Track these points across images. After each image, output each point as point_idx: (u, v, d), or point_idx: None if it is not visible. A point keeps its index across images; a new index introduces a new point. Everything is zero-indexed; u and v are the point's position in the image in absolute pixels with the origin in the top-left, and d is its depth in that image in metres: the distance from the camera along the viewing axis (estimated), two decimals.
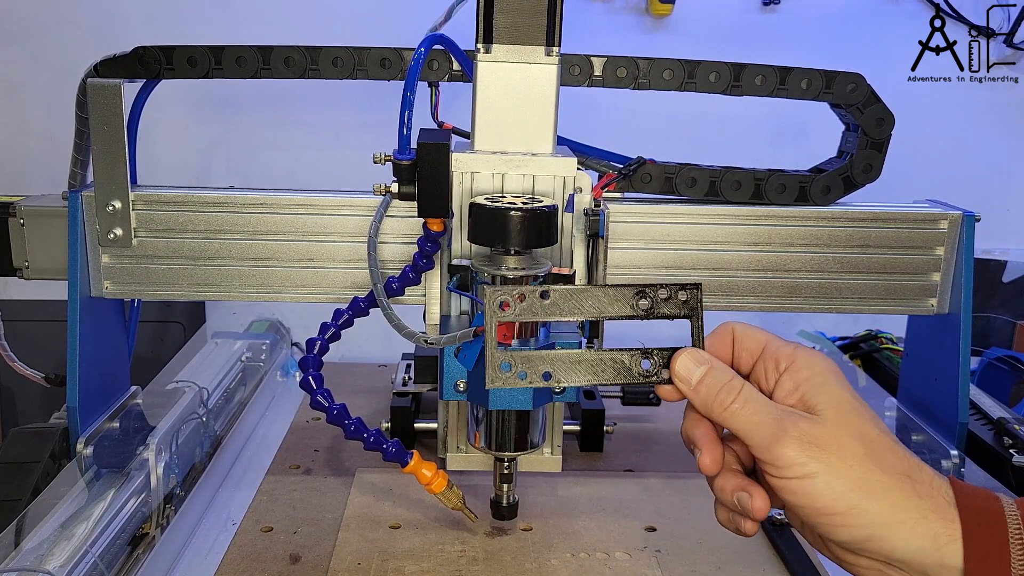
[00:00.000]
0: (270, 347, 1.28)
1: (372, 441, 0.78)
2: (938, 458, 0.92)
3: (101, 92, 0.84)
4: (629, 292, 0.57)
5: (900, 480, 0.51)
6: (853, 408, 0.53)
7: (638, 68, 0.87)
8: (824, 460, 0.51)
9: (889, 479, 0.51)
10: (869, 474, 0.51)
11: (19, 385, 1.47)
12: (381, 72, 0.87)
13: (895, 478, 0.51)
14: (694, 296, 0.57)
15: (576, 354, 0.57)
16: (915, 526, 0.50)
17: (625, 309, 0.57)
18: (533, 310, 0.57)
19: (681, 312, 0.57)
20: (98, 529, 0.77)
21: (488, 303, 0.56)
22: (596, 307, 0.57)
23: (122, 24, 1.42)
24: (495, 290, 0.56)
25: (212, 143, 1.49)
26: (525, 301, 0.57)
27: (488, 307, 0.56)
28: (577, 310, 0.57)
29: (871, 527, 0.51)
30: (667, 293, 0.57)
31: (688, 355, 0.56)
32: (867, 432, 0.53)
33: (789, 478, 0.52)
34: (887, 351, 1.26)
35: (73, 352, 0.86)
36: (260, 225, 0.88)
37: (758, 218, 0.90)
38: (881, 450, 0.52)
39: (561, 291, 0.57)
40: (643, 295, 0.57)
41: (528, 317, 0.57)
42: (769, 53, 0.91)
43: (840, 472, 0.51)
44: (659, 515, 0.91)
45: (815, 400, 0.54)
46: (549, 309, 0.57)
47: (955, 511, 0.51)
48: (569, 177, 0.81)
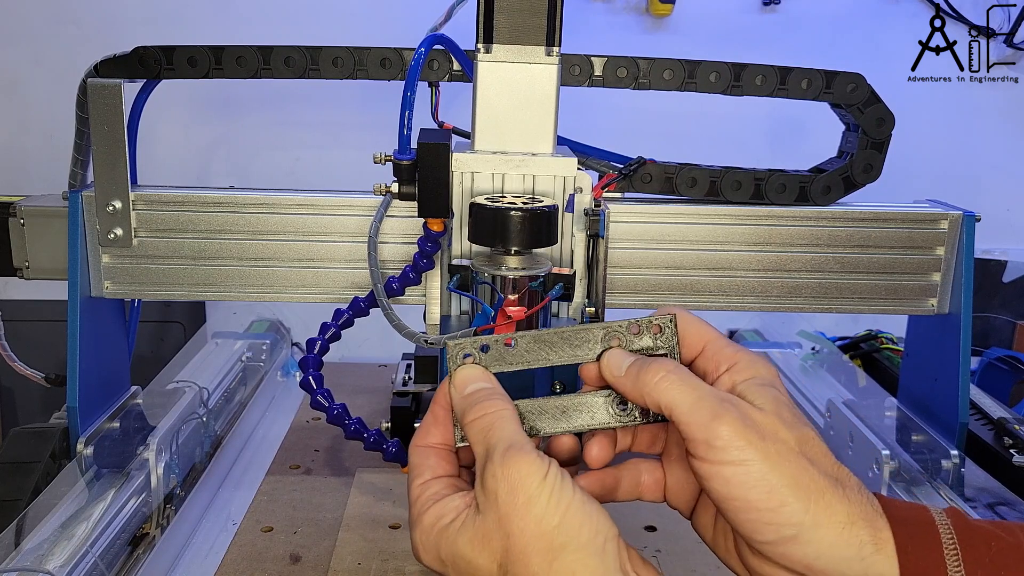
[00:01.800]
0: (270, 347, 1.28)
1: (372, 441, 0.78)
2: (938, 458, 0.92)
3: (101, 92, 0.84)
4: (599, 332, 0.55)
5: (832, 483, 0.49)
6: (791, 409, 0.52)
7: (638, 68, 0.87)
8: (761, 448, 0.49)
9: (822, 480, 0.49)
10: (804, 473, 0.49)
11: (19, 385, 1.48)
12: (381, 72, 0.87)
13: (827, 480, 0.49)
14: (669, 328, 0.55)
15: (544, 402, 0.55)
16: (843, 531, 0.48)
17: (596, 350, 0.55)
18: (499, 360, 0.55)
19: (656, 346, 0.55)
20: (98, 529, 0.77)
21: (450, 355, 0.55)
22: (566, 352, 0.55)
23: (122, 24, 1.42)
24: (456, 343, 0.55)
25: (212, 143, 1.49)
26: (490, 351, 0.55)
27: (450, 358, 0.55)
28: (544, 359, 0.55)
29: (800, 527, 0.48)
30: (638, 328, 0.55)
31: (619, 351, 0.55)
32: (804, 433, 0.51)
33: (724, 463, 0.49)
34: (887, 351, 1.26)
35: (73, 352, 0.86)
36: (260, 225, 0.88)
37: (758, 218, 0.90)
38: (815, 452, 0.51)
39: (527, 337, 0.55)
40: (613, 334, 0.54)
41: (495, 367, 0.55)
42: (769, 53, 0.91)
43: (775, 464, 0.49)
44: (659, 515, 0.91)
45: (752, 398, 0.52)
46: (515, 358, 0.55)
47: (884, 521, 0.49)
48: (569, 177, 0.81)
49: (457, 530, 0.50)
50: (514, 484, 0.49)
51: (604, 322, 0.55)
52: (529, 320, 0.71)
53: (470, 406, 0.54)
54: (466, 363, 0.55)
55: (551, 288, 0.71)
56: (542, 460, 0.50)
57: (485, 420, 0.52)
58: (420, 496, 0.54)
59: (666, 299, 0.90)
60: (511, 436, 0.51)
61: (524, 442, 0.51)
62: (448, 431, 0.56)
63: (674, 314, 0.55)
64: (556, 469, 0.50)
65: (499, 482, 0.49)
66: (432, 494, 0.53)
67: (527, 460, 0.49)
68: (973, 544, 0.48)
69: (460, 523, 0.51)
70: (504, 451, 0.50)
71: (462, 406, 0.54)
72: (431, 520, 0.52)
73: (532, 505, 0.48)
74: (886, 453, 0.89)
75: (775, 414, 0.51)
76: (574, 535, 0.49)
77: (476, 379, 0.55)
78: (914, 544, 0.48)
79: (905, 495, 0.88)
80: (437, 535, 0.51)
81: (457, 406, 0.55)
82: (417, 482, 0.54)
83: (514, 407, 0.54)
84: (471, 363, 0.55)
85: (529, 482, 0.49)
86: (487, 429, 0.52)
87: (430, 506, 0.52)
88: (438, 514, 0.52)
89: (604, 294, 0.79)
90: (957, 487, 0.89)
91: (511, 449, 0.50)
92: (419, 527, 0.52)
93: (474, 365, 0.55)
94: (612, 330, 0.55)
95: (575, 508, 0.49)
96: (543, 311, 0.71)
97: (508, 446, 0.50)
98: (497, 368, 0.55)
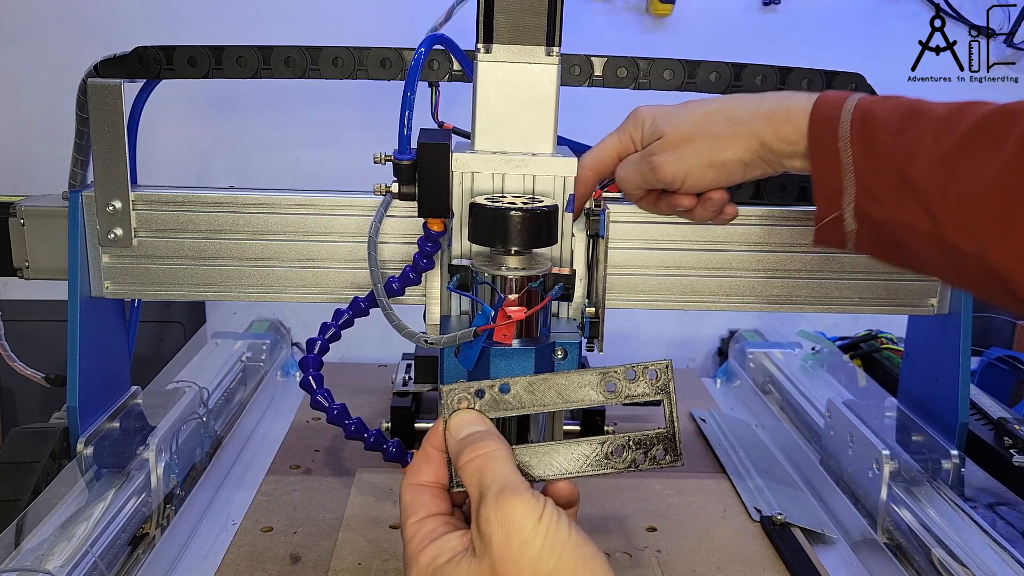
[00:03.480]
0: (270, 347, 1.28)
1: (372, 441, 0.78)
2: (938, 458, 0.92)
3: (101, 92, 0.84)
4: (594, 377, 0.55)
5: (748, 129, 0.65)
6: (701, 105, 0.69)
7: (638, 68, 0.87)
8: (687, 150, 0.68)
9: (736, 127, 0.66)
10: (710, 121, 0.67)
11: (19, 385, 1.47)
12: (381, 72, 0.87)
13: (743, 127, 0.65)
14: (664, 374, 0.55)
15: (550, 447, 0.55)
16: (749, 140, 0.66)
17: (591, 395, 0.55)
18: (494, 405, 0.55)
19: (652, 392, 0.55)
20: (98, 529, 0.77)
21: (445, 400, 0.54)
22: (561, 397, 0.55)
23: (122, 24, 1.42)
24: (451, 388, 0.55)
25: (212, 143, 1.49)
26: (485, 396, 0.55)
27: (445, 404, 0.55)
28: (539, 403, 0.55)
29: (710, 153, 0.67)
30: (634, 374, 0.55)
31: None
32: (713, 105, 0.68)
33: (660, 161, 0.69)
34: (887, 351, 1.26)
35: (73, 352, 0.86)
36: (260, 225, 0.88)
37: (758, 218, 0.90)
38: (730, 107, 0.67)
39: (522, 383, 0.55)
40: (607, 378, 0.55)
41: (491, 412, 0.55)
42: (769, 53, 0.91)
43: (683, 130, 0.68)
44: (659, 515, 0.91)
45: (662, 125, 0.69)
46: (510, 403, 0.55)
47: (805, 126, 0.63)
48: (569, 177, 0.81)
49: (452, 571, 0.50)
50: (508, 527, 0.48)
51: (600, 368, 0.55)
52: (528, 326, 0.71)
53: (463, 448, 0.54)
54: (461, 407, 0.55)
55: (551, 288, 0.71)
56: (537, 500, 0.49)
57: (478, 461, 0.52)
58: (416, 534, 0.53)
59: (666, 299, 0.90)
60: (504, 477, 0.51)
61: (518, 483, 0.50)
62: (440, 469, 0.56)
63: (669, 361, 0.55)
64: (552, 509, 0.49)
65: (493, 526, 0.48)
66: (428, 532, 0.53)
67: (521, 501, 0.49)
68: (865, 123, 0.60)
69: (456, 564, 0.50)
70: (498, 493, 0.49)
71: (456, 449, 0.54)
72: (428, 559, 0.51)
73: (527, 549, 0.48)
74: (886, 453, 0.89)
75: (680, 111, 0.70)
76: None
77: (470, 423, 0.55)
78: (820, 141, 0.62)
79: (905, 495, 0.88)
80: (433, 574, 0.51)
81: (452, 450, 0.55)
82: (412, 520, 0.54)
83: (508, 448, 0.54)
84: (466, 407, 0.55)
85: (523, 524, 0.48)
86: (480, 470, 0.52)
87: (426, 544, 0.52)
88: (435, 553, 0.51)
89: (604, 294, 0.79)
90: (957, 487, 0.90)
91: (504, 491, 0.49)
92: (415, 566, 0.52)
93: (468, 410, 0.56)
94: (608, 375, 0.55)
95: (570, 551, 0.48)
96: (543, 311, 0.71)
97: (501, 488, 0.50)
98: (493, 413, 0.55)
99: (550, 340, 0.73)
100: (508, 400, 0.55)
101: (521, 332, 0.71)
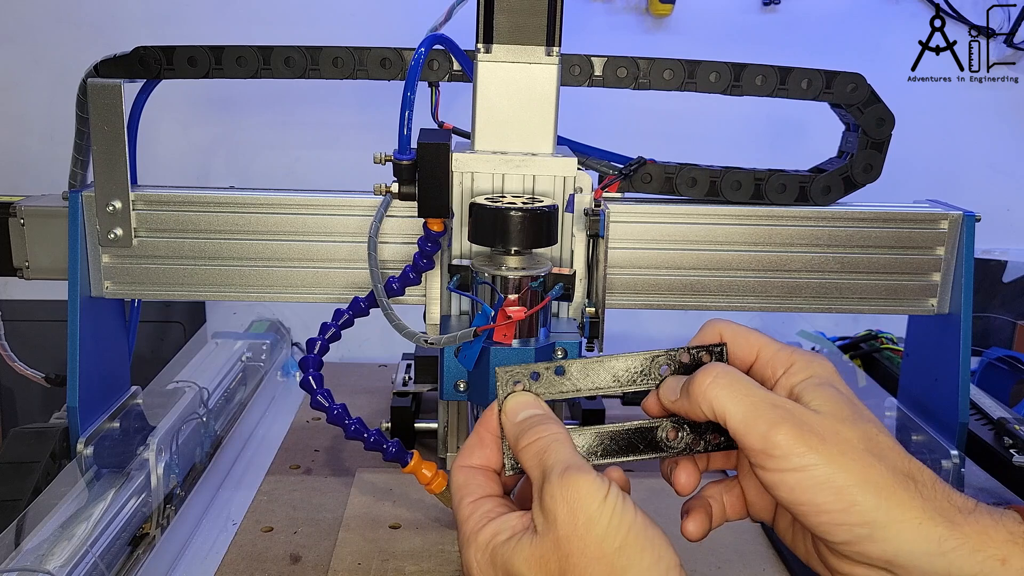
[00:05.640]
0: (270, 347, 1.28)
1: (372, 441, 0.78)
2: (938, 458, 0.92)
3: (101, 92, 0.84)
4: (648, 360, 0.55)
5: (903, 479, 0.48)
6: (852, 406, 0.51)
7: (638, 68, 0.87)
8: (823, 452, 0.47)
9: (892, 476, 0.48)
10: (871, 470, 0.48)
11: (19, 385, 1.47)
12: (381, 72, 0.87)
13: (897, 476, 0.48)
14: (720, 358, 0.55)
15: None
16: (919, 527, 0.47)
17: (646, 379, 0.55)
18: (549, 388, 0.55)
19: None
20: (98, 529, 0.77)
21: (500, 382, 0.54)
22: (616, 380, 0.55)
23: (122, 24, 1.42)
24: (507, 370, 0.55)
25: (212, 143, 1.49)
26: (541, 379, 0.55)
27: (500, 385, 0.55)
28: (594, 386, 0.55)
29: (872, 526, 0.47)
30: (689, 357, 0.55)
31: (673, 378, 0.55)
32: (867, 430, 0.50)
33: (785, 470, 0.48)
34: (887, 351, 1.26)
35: (73, 352, 0.86)
36: (260, 225, 0.88)
37: (758, 218, 0.90)
38: (882, 448, 0.49)
39: (577, 365, 0.55)
40: (663, 362, 0.55)
41: (546, 395, 0.55)
42: (769, 53, 0.91)
43: (841, 465, 0.47)
44: (659, 515, 0.90)
45: (810, 399, 0.51)
46: (565, 386, 0.55)
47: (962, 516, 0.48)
48: (569, 177, 0.81)
49: (513, 548, 0.49)
50: (574, 504, 0.47)
51: (654, 351, 0.55)
52: (531, 323, 0.71)
53: (523, 431, 0.53)
54: (516, 390, 0.55)
55: (551, 288, 0.71)
56: (602, 480, 0.49)
57: (540, 443, 0.52)
58: (473, 514, 0.52)
59: (666, 299, 0.90)
60: (568, 458, 0.50)
61: (582, 463, 0.50)
62: (493, 454, 0.55)
63: (724, 345, 0.55)
64: (616, 490, 0.49)
65: (558, 503, 0.48)
66: (486, 511, 0.52)
67: (586, 480, 0.48)
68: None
69: (516, 541, 0.49)
70: (562, 471, 0.49)
71: (515, 432, 0.53)
72: (487, 537, 0.51)
73: (593, 526, 0.47)
74: None
75: (834, 414, 0.50)
76: (636, 559, 0.47)
77: (528, 406, 0.54)
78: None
79: None
80: (492, 553, 0.50)
81: (509, 433, 0.54)
82: (467, 500, 0.53)
83: (567, 432, 0.53)
84: (521, 390, 0.55)
85: (589, 502, 0.47)
86: (543, 452, 0.51)
87: (485, 523, 0.51)
88: (495, 531, 0.51)
89: (604, 294, 0.79)
90: (957, 487, 0.89)
91: (569, 470, 0.49)
92: (474, 545, 0.51)
93: (525, 392, 0.55)
94: (662, 358, 0.55)
95: (637, 531, 0.48)
96: (543, 311, 0.71)
97: (566, 467, 0.49)
98: (548, 396, 0.55)
99: (550, 341, 0.73)
100: (563, 382, 0.55)
101: (519, 332, 0.71)
